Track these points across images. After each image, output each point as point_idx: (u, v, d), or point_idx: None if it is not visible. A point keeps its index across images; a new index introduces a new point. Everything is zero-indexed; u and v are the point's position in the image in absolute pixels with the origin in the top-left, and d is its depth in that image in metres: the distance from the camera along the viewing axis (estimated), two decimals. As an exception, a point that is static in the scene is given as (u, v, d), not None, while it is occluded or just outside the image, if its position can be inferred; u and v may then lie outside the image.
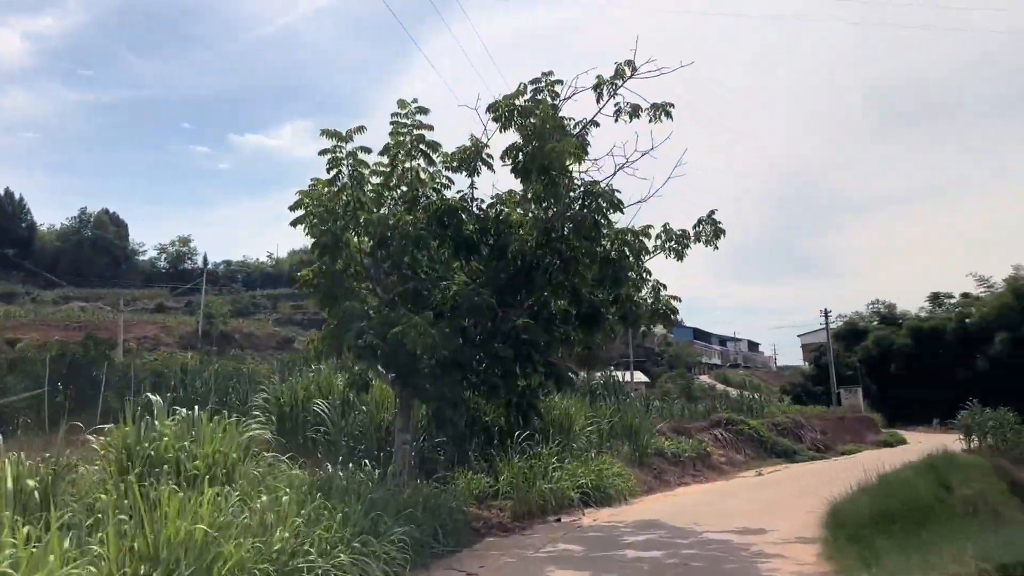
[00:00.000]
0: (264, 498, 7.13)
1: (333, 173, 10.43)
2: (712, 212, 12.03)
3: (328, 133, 10.25)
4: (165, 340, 59.07)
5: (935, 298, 61.38)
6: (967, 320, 55.14)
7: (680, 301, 12.33)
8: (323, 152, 10.41)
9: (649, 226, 11.24)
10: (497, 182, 11.67)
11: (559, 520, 12.35)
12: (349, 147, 10.37)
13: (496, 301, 10.66)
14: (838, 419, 34.62)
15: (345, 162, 10.39)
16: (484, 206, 11.31)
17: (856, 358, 56.91)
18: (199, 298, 66.53)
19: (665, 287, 12.25)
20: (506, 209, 10.91)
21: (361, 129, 10.31)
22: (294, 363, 20.96)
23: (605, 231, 10.73)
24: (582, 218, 10.00)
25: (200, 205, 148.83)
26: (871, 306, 65.21)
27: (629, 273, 11.13)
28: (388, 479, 11.18)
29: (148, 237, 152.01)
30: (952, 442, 36.36)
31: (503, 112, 9.97)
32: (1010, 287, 53.62)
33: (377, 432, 14.16)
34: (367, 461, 12.71)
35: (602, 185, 10.56)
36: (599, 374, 27.42)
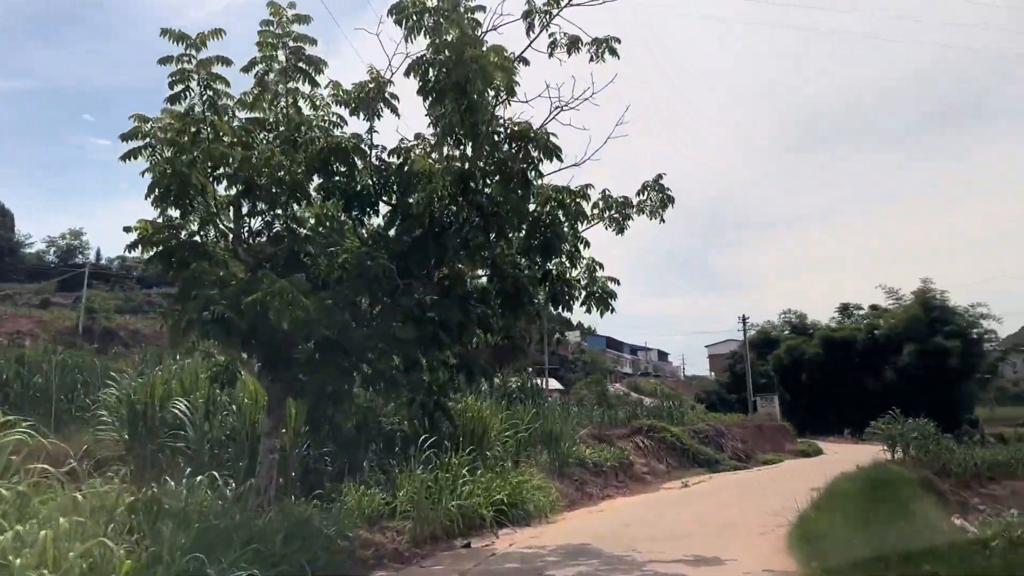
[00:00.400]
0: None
1: (179, 89, 7.88)
2: (660, 176, 10.13)
3: (172, 35, 7.68)
4: (40, 335, 53.55)
5: (844, 309, 62.60)
6: (876, 331, 56.26)
7: (619, 284, 10.37)
8: (164, 61, 7.83)
9: (588, 185, 9.18)
10: (402, 127, 9.35)
11: (468, 545, 10.14)
12: (203, 55, 7.86)
13: (397, 269, 8.37)
14: (757, 428, 33.81)
15: (196, 75, 7.87)
16: (385, 154, 8.98)
17: (769, 367, 57.18)
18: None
19: (602, 266, 10.26)
20: (414, 154, 8.61)
21: (219, 33, 7.80)
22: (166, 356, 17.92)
23: (536, 186, 8.59)
24: (508, 163, 7.81)
25: (99, 199, 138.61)
26: (783, 315, 66.13)
27: (563, 244, 9.04)
28: (248, 497, 8.70)
29: (41, 230, 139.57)
30: (871, 453, 36.33)
31: (411, 15, 7.66)
32: (919, 299, 55.01)
33: (250, 438, 11.58)
34: (232, 474, 10.27)
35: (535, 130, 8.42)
36: (516, 376, 25.38)
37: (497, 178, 8.09)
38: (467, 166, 7.87)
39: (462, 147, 7.94)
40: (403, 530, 10.52)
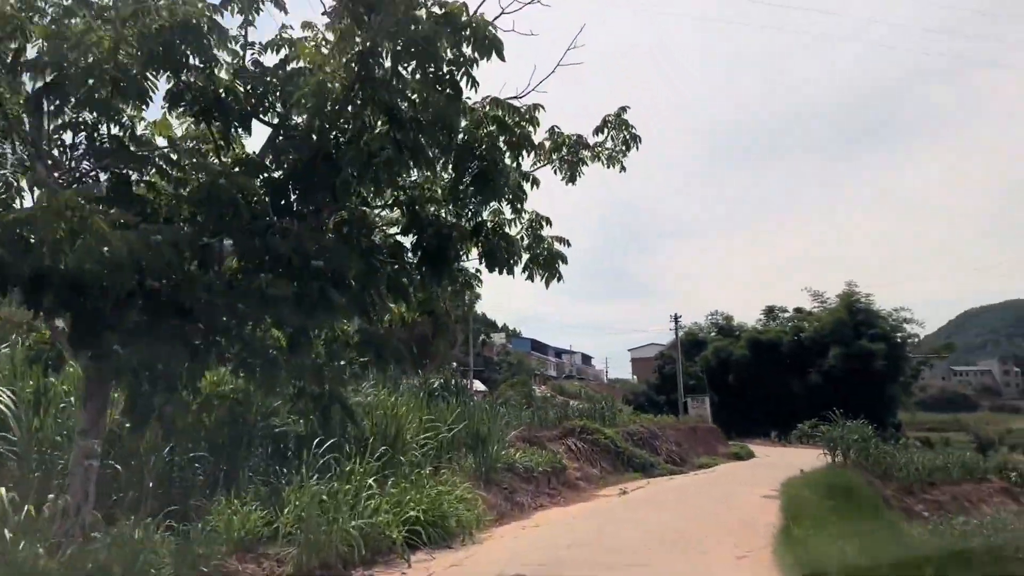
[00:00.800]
0: None
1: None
2: (623, 110, 8.04)
3: None
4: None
5: (770, 311, 62.58)
6: (802, 334, 56.27)
7: (569, 246, 8.25)
8: None
9: (537, 106, 6.95)
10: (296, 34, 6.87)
11: (370, 580, 7.84)
12: None
13: (275, 208, 6.00)
14: (690, 429, 32.44)
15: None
16: (260, 55, 6.54)
17: (697, 368, 56.45)
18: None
19: (548, 222, 8.12)
20: (303, 50, 6.20)
21: None
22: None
23: (470, 95, 6.33)
24: (429, 45, 5.49)
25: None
26: (710, 317, 65.61)
27: (504, 181, 6.80)
28: (57, 519, 6.16)
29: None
30: (803, 456, 35.55)
31: None
32: (844, 302, 55.22)
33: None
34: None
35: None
36: (438, 373, 23.10)
37: (413, 64, 5.78)
38: (369, 44, 5.53)
39: (367, 21, 5.58)
40: (286, 558, 8.14)
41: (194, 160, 6.10)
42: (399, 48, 5.59)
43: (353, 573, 8.15)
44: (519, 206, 7.23)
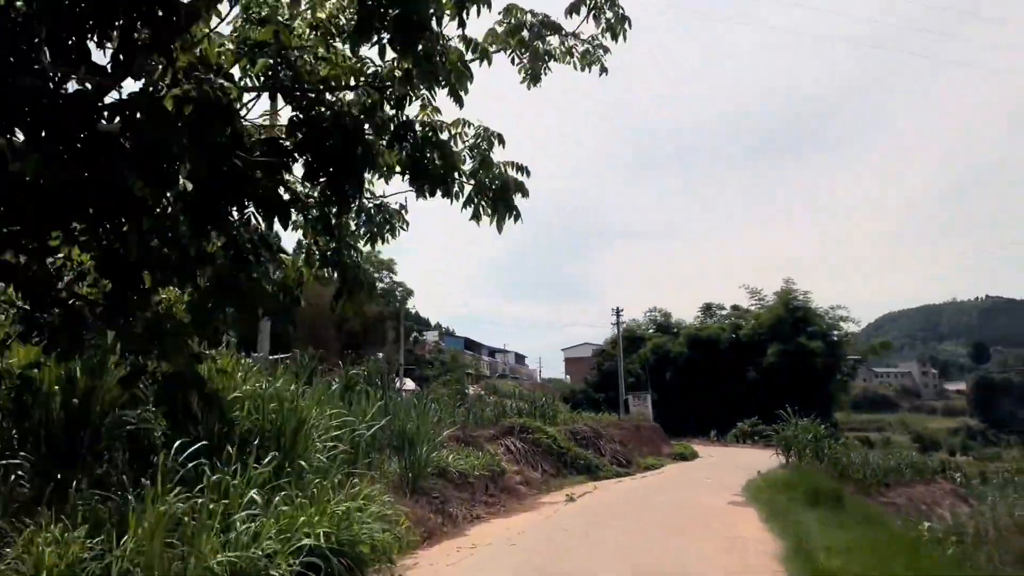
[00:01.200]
0: None
1: None
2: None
3: None
4: None
5: (707, 309, 61.73)
6: (740, 331, 55.55)
7: (528, 175, 6.03)
8: None
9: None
10: None
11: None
12: None
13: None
14: (635, 428, 30.69)
15: None
16: None
17: (636, 365, 55.05)
18: None
19: (500, 140, 5.87)
20: None
21: None
22: None
23: None
24: None
25: None
26: (648, 314, 64.23)
27: (439, 47, 4.49)
28: None
29: None
30: (748, 455, 34.32)
31: None
32: (782, 300, 54.66)
33: None
34: None
35: None
36: (363, 362, 20.56)
37: None
38: None
39: None
40: (115, 612, 5.64)
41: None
42: None
43: (214, 631, 5.71)
44: (461, 95, 4.91)
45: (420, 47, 4.33)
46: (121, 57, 3.58)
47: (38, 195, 3.38)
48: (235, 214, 4.38)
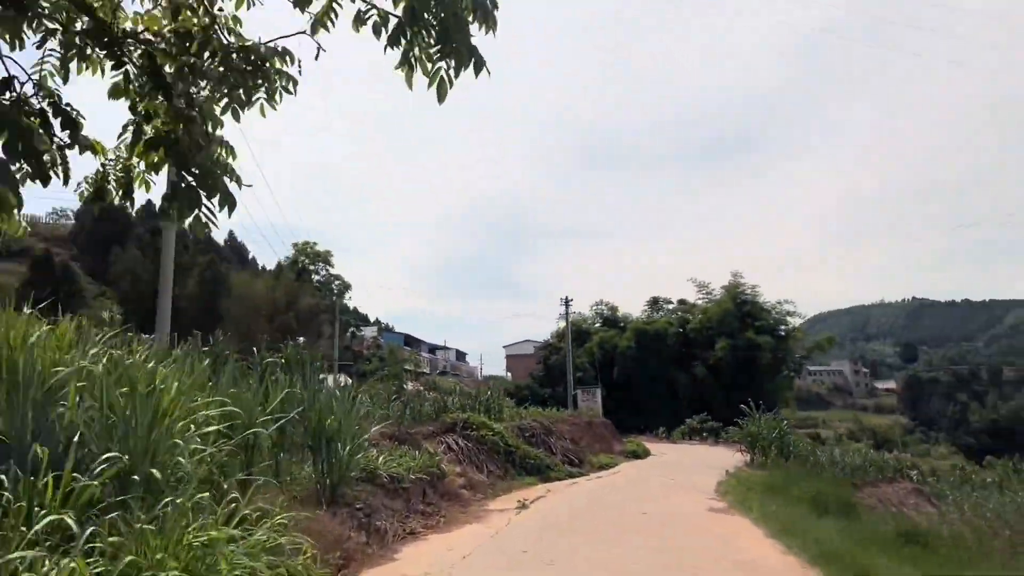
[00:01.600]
0: None
1: None
2: None
3: None
4: None
5: (654, 302, 60.18)
6: (688, 325, 54.19)
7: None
8: None
9: None
10: None
11: None
12: None
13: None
14: (587, 424, 28.61)
15: None
16: None
17: (584, 359, 53.03)
18: None
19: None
20: None
21: None
22: None
23: None
24: None
25: None
26: (595, 307, 62.01)
27: None
28: None
29: None
30: (703, 453, 32.69)
31: None
32: (730, 293, 53.46)
33: None
34: None
35: None
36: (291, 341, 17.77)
37: None
38: None
39: None
40: None
41: None
42: None
43: None
44: None
45: None
46: None
47: None
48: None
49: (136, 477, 5.56)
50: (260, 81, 3.64)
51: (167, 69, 3.69)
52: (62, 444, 5.37)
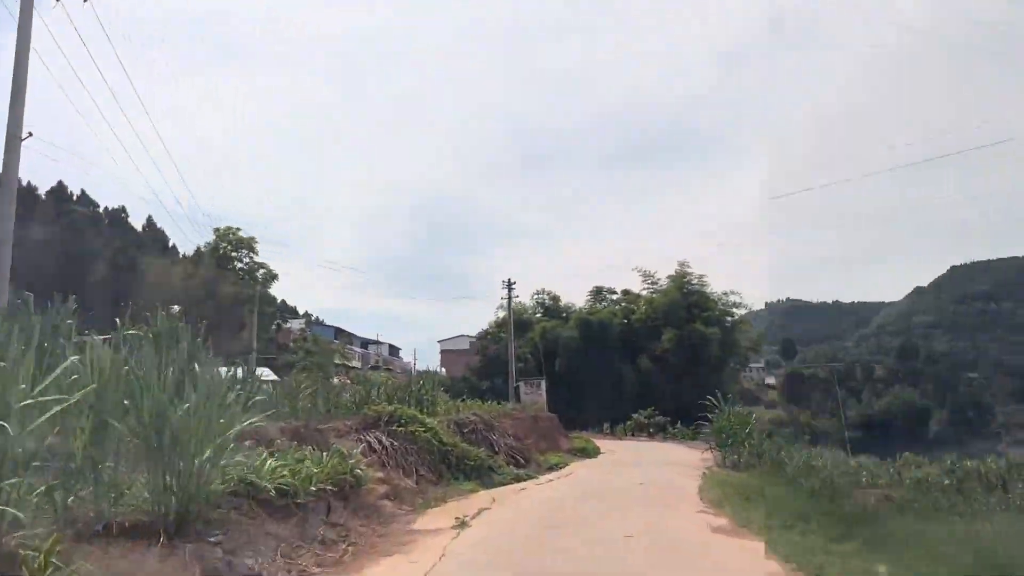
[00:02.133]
0: None
1: None
2: None
3: None
4: None
5: (598, 292, 57.35)
6: (633, 316, 51.64)
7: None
8: None
9: None
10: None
11: None
12: None
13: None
14: (532, 419, 25.46)
15: None
16: None
17: (525, 350, 49.82)
18: None
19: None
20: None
21: None
22: None
23: None
24: None
25: None
26: (536, 296, 58.11)
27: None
28: None
29: None
30: (657, 450, 29.98)
31: None
32: (676, 283, 51.06)
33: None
34: None
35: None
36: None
37: None
38: None
39: None
40: None
41: None
42: None
43: None
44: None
45: None
46: None
47: None
48: None
49: None
50: None
51: None
52: None
